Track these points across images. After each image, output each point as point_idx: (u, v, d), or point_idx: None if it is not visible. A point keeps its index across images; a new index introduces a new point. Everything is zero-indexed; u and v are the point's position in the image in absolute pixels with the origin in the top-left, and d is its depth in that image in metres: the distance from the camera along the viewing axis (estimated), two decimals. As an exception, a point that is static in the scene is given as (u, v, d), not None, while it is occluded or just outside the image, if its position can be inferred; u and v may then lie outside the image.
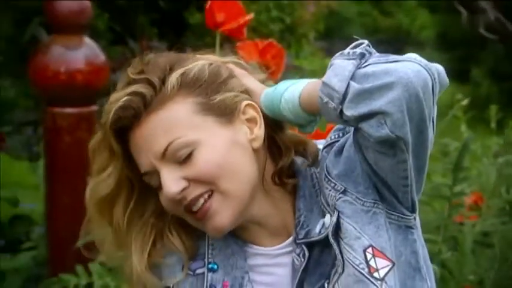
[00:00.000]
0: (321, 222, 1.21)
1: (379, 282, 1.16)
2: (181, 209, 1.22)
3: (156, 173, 1.20)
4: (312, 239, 1.21)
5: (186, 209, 1.21)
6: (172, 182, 1.19)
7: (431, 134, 1.15)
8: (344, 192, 1.18)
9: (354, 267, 1.17)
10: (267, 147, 1.24)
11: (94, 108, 3.04)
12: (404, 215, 1.19)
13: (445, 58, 10.79)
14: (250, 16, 1.71)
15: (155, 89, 1.19)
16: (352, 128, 1.18)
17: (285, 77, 1.33)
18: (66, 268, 2.79)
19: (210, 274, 1.25)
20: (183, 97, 1.19)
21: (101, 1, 4.58)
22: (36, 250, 3.28)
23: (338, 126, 1.24)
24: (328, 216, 1.20)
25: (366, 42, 1.15)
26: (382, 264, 1.17)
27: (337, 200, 1.18)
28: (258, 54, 1.74)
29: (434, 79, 1.11)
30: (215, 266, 1.26)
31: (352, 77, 1.10)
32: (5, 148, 4.16)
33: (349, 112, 1.11)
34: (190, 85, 1.19)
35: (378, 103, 1.09)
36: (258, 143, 1.22)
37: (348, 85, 1.10)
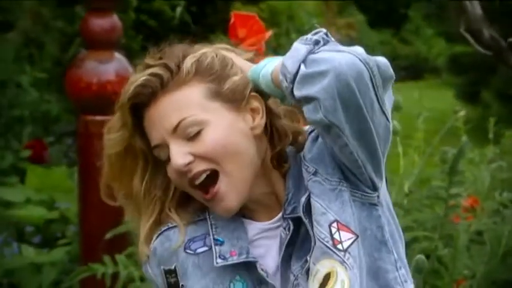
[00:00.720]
0: (304, 200, 1.25)
1: (342, 253, 1.19)
2: (186, 182, 1.25)
3: (165, 146, 1.24)
4: (297, 214, 1.24)
5: (190, 183, 1.24)
6: (179, 155, 1.22)
7: (384, 122, 1.17)
8: (315, 173, 1.22)
9: (320, 240, 1.20)
10: (269, 134, 1.28)
11: (122, 116, 3.10)
12: (366, 193, 1.23)
13: (457, 82, 10.74)
14: (270, 33, 1.73)
15: (172, 73, 1.24)
16: None
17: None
18: (96, 261, 2.85)
19: (217, 247, 1.27)
20: (197, 82, 1.24)
21: (136, 24, 4.68)
22: (70, 246, 3.34)
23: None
24: (304, 197, 1.24)
25: (324, 30, 1.18)
26: (346, 237, 1.20)
27: (309, 181, 1.23)
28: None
29: (372, 71, 1.13)
30: (222, 240, 1.28)
31: (304, 61, 1.14)
32: (47, 156, 4.24)
33: (296, 93, 1.15)
34: (203, 72, 1.24)
35: (314, 89, 1.12)
36: (258, 131, 1.26)
37: (299, 67, 1.14)
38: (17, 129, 4.51)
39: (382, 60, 1.16)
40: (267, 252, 1.29)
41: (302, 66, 1.14)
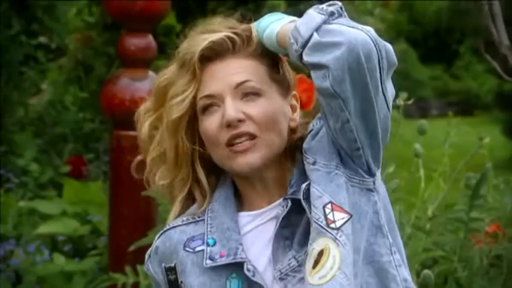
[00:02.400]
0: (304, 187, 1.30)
1: (334, 231, 1.25)
2: (224, 137, 1.31)
3: (219, 98, 1.31)
4: (296, 196, 1.30)
5: (230, 139, 1.30)
6: (234, 108, 1.30)
7: (385, 108, 1.25)
8: (314, 163, 1.30)
9: (315, 221, 1.26)
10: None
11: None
12: (364, 178, 1.29)
13: (505, 118, 10.64)
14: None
15: (243, 42, 1.33)
16: None
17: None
18: (122, 271, 2.94)
19: (208, 248, 1.33)
20: (262, 59, 1.34)
21: (176, 47, 4.81)
22: (100, 257, 3.44)
23: (319, 115, 1.36)
24: (304, 184, 1.30)
25: (340, 4, 1.26)
26: (339, 217, 1.26)
27: (309, 171, 1.30)
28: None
29: (381, 53, 1.21)
30: (212, 241, 1.34)
31: (317, 29, 1.22)
32: (85, 172, 4.38)
33: (306, 58, 1.23)
34: (266, 54, 1.34)
35: (326, 57, 1.20)
36: (294, 124, 1.37)
37: (312, 35, 1.22)
38: (59, 146, 4.68)
39: (389, 45, 1.24)
40: (261, 232, 1.34)
41: (315, 34, 1.21)
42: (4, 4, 4.54)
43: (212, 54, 1.33)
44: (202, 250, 1.34)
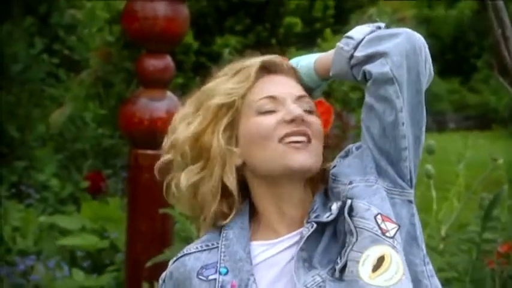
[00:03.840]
0: (328, 213, 1.33)
1: (391, 239, 1.29)
2: (281, 132, 1.32)
3: (281, 101, 1.35)
4: (320, 219, 1.32)
5: (289, 133, 1.32)
6: (298, 108, 1.35)
7: (424, 119, 1.33)
8: (350, 182, 1.34)
9: (368, 231, 1.29)
10: None
11: (171, 151, 3.26)
12: (404, 189, 1.34)
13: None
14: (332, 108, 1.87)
15: (292, 68, 1.41)
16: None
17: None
18: (139, 287, 2.99)
19: (221, 277, 1.34)
20: (303, 88, 1.41)
21: (195, 65, 4.87)
22: (118, 272, 3.49)
23: (340, 154, 1.39)
24: (334, 204, 1.33)
25: (384, 24, 1.36)
26: (391, 226, 1.30)
27: (348, 191, 1.33)
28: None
29: (426, 50, 1.32)
30: (225, 270, 1.35)
31: (369, 34, 1.33)
32: (104, 187, 4.44)
33: (359, 53, 1.31)
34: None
35: (384, 45, 1.30)
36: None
37: (364, 38, 1.32)
38: (78, 161, 4.74)
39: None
40: (271, 269, 1.35)
41: (367, 36, 1.32)
42: (27, 22, 4.63)
43: (271, 67, 1.38)
44: (215, 279, 1.35)
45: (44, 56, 4.59)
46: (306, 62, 1.39)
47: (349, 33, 1.34)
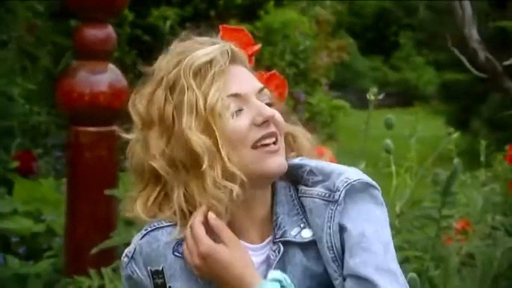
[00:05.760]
0: (297, 229, 1.26)
1: None
2: (254, 138, 1.23)
3: (245, 99, 1.25)
4: (287, 238, 1.25)
5: (260, 138, 1.24)
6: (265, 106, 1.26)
7: None
8: None
9: None
10: None
11: (114, 128, 3.06)
12: None
13: (448, 109, 10.78)
14: (258, 46, 1.73)
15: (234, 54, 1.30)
16: None
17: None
18: (81, 273, 2.79)
19: None
20: None
21: (130, 39, 4.65)
22: (56, 258, 3.28)
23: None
24: (307, 230, 1.25)
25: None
26: None
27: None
28: (263, 83, 1.77)
29: None
30: None
31: None
32: (35, 168, 4.18)
33: None
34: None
35: None
36: None
37: None
38: (6, 140, 4.46)
39: None
40: None
41: None
42: None
43: (232, 58, 1.28)
44: None
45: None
46: None
47: None
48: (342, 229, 1.23)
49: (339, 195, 1.23)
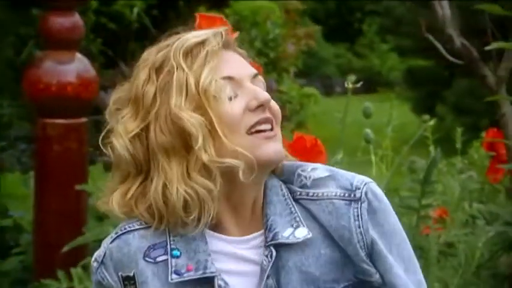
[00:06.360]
0: (290, 230, 1.19)
1: None
2: (249, 123, 1.17)
3: (238, 83, 1.18)
4: (279, 240, 1.18)
5: (256, 123, 1.17)
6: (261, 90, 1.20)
7: None
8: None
9: None
10: None
11: (83, 120, 2.97)
12: None
13: (413, 95, 10.82)
14: (236, 34, 1.66)
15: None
16: None
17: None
18: (51, 271, 2.70)
19: (173, 260, 1.18)
20: None
21: (95, 26, 4.54)
22: (24, 255, 3.18)
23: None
24: (302, 229, 1.19)
25: None
26: None
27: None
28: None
29: None
30: (177, 253, 1.18)
31: None
32: (-1, 161, 4.06)
33: None
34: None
35: None
36: None
37: None
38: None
39: None
40: (245, 277, 1.20)
41: None
42: None
43: (225, 42, 1.21)
44: (165, 260, 1.18)
45: None
46: None
47: None
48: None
49: (361, 193, 1.19)
